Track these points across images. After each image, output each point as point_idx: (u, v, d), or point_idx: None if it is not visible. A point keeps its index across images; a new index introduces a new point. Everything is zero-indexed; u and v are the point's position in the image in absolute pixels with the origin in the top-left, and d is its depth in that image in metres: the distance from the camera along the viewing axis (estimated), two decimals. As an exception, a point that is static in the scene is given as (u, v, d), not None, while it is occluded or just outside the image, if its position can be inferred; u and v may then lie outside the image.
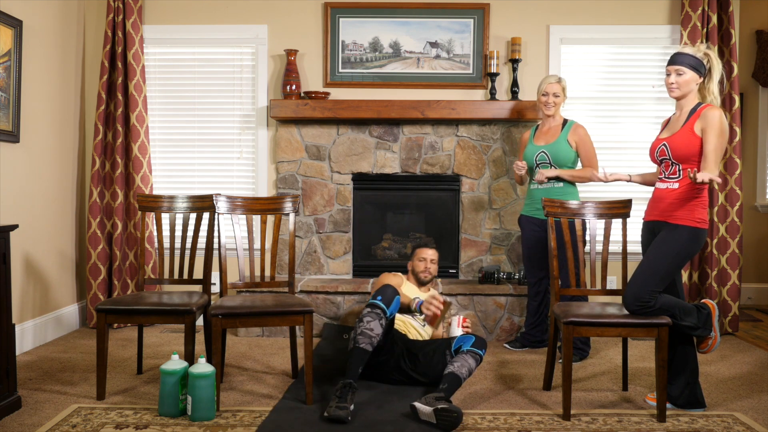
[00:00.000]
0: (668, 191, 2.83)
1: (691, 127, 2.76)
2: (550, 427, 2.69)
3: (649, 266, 2.78)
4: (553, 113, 3.79)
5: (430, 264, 3.73)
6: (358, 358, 2.84)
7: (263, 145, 4.57)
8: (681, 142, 2.77)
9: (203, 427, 2.66)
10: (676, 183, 2.81)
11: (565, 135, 3.74)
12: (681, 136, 2.78)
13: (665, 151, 2.82)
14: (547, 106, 3.76)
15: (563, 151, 3.71)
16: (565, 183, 3.72)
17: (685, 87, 2.81)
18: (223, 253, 3.30)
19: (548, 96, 3.75)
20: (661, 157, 2.85)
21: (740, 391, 3.18)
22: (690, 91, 2.82)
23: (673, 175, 2.82)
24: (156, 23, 4.54)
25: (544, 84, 3.78)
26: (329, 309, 4.22)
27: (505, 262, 4.46)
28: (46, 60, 4.04)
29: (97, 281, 4.35)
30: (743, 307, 5.16)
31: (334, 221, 4.50)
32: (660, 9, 4.49)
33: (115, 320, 3.01)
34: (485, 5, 4.45)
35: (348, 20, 4.50)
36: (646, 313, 2.79)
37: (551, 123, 3.83)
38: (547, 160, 3.72)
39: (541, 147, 3.75)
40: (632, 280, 2.81)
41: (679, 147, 2.77)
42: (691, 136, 2.75)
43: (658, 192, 2.90)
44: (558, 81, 3.77)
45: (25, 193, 3.80)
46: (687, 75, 2.79)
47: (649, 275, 2.77)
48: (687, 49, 2.82)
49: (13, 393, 2.80)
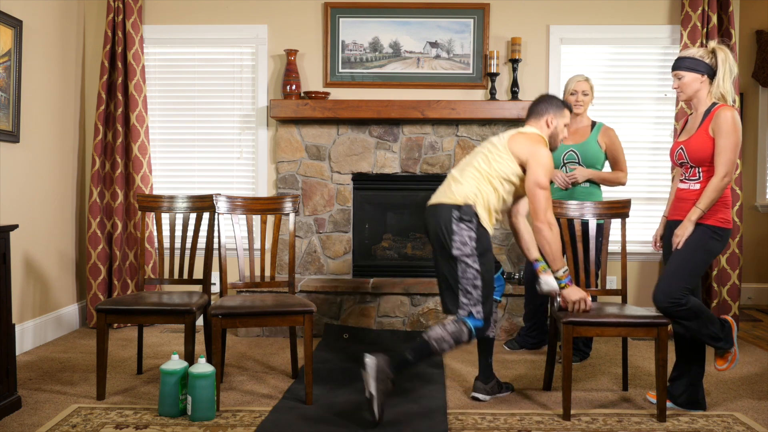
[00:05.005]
0: (690, 192, 2.84)
1: (705, 130, 2.77)
2: (550, 427, 2.69)
3: (677, 264, 2.78)
4: (582, 112, 3.72)
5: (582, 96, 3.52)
6: None
7: (263, 145, 4.57)
8: (696, 145, 2.79)
9: (203, 427, 2.66)
10: (697, 184, 2.82)
11: (596, 136, 3.68)
12: (696, 139, 2.79)
13: (683, 154, 2.84)
14: (577, 105, 3.69)
15: (593, 152, 3.64)
16: (591, 184, 3.67)
17: (688, 89, 2.82)
18: (223, 253, 3.30)
19: (577, 94, 3.68)
20: (680, 161, 2.88)
21: (740, 391, 3.18)
22: (696, 92, 2.82)
23: (693, 177, 2.84)
24: (156, 23, 4.54)
25: (572, 83, 3.72)
26: (329, 309, 4.22)
27: (505, 262, 4.46)
28: (46, 60, 4.04)
29: (97, 281, 4.35)
30: (743, 307, 5.16)
31: (334, 221, 4.50)
32: (660, 9, 4.49)
33: (115, 320, 3.01)
34: (485, 5, 4.46)
35: (348, 20, 4.50)
36: (676, 312, 2.77)
37: (579, 123, 3.73)
38: (576, 160, 3.65)
39: (570, 146, 3.67)
40: (662, 278, 2.82)
41: (694, 150, 2.79)
42: (706, 138, 2.76)
43: (680, 192, 2.91)
44: (586, 79, 3.70)
45: (25, 193, 3.80)
46: (686, 77, 2.81)
47: (677, 272, 2.77)
48: (685, 51, 2.85)
49: (13, 393, 2.80)
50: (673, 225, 2.94)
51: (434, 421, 2.70)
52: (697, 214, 2.74)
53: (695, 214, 2.74)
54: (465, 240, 2.79)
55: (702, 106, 2.84)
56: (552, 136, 2.99)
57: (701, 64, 2.79)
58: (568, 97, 3.73)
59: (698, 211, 2.74)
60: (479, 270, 2.81)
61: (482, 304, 2.81)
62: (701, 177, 2.81)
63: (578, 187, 3.66)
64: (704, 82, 2.80)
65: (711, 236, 2.76)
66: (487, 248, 2.86)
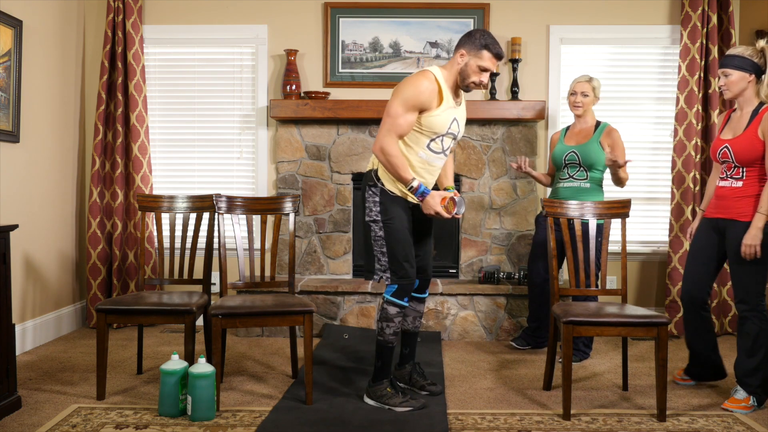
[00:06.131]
0: (732, 189, 2.88)
1: (754, 131, 2.78)
2: (550, 427, 2.69)
3: (750, 270, 2.83)
4: (582, 114, 3.72)
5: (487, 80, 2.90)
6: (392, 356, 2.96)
7: (263, 145, 4.57)
8: (744, 146, 2.80)
9: (203, 427, 2.66)
10: (739, 182, 2.86)
11: (598, 137, 3.67)
12: (744, 140, 2.81)
13: (728, 153, 2.86)
14: (575, 107, 3.70)
15: (594, 153, 3.63)
16: (592, 183, 3.67)
17: (735, 87, 2.85)
18: (223, 253, 3.30)
19: (576, 95, 3.68)
20: (723, 159, 2.90)
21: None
22: (742, 90, 2.85)
23: (737, 175, 2.87)
24: (156, 23, 4.54)
25: (573, 84, 3.72)
26: (329, 309, 4.22)
27: (505, 262, 4.46)
28: (46, 60, 4.04)
29: (97, 281, 4.35)
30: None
31: (334, 221, 4.50)
32: (660, 9, 4.49)
33: (115, 320, 3.01)
34: (485, 5, 4.46)
35: (348, 20, 4.50)
36: (752, 316, 2.84)
37: (583, 124, 3.75)
38: (576, 161, 3.65)
39: (572, 147, 3.68)
40: (737, 282, 2.87)
41: (742, 151, 2.81)
42: (755, 140, 2.78)
43: (720, 190, 2.94)
44: (588, 80, 3.69)
45: (25, 193, 3.80)
46: (733, 76, 2.83)
47: (751, 273, 2.82)
48: (733, 49, 2.86)
49: (13, 393, 2.80)
50: (713, 222, 2.98)
51: (434, 421, 2.70)
52: (762, 221, 2.76)
53: (761, 220, 2.76)
54: (370, 206, 2.87)
55: (748, 105, 2.85)
56: (461, 73, 2.81)
57: (749, 63, 2.79)
58: (569, 98, 3.74)
59: (762, 217, 2.76)
60: (383, 237, 2.83)
61: (391, 271, 2.85)
62: (744, 176, 2.83)
63: (580, 186, 3.66)
64: (751, 81, 2.81)
65: (764, 232, 2.79)
66: (392, 216, 2.82)
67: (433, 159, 2.87)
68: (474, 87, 2.84)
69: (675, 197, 4.28)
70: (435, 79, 2.78)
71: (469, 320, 4.18)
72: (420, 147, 2.83)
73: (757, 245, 2.76)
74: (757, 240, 2.75)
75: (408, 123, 2.77)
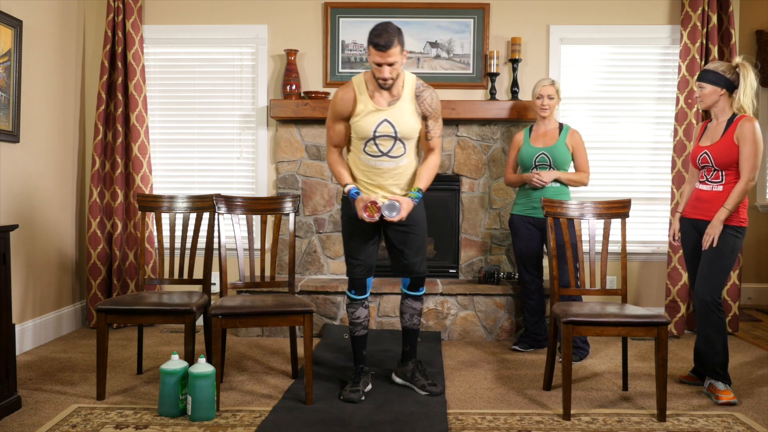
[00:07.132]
0: (713, 193, 3.09)
1: (731, 137, 3.02)
2: (550, 427, 2.69)
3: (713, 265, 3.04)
4: (548, 116, 3.83)
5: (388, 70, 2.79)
6: (360, 345, 3.12)
7: (263, 145, 4.57)
8: (722, 151, 3.03)
9: (203, 427, 2.66)
10: (720, 186, 3.07)
11: (564, 138, 3.80)
12: (722, 145, 3.04)
13: (707, 158, 3.08)
14: (543, 109, 3.80)
15: (563, 154, 3.77)
16: (560, 184, 3.79)
17: (708, 99, 3.10)
18: (223, 253, 3.30)
19: (543, 99, 3.79)
20: (703, 164, 3.11)
21: (740, 391, 3.18)
22: (715, 102, 3.09)
23: (716, 179, 3.08)
24: (156, 23, 4.54)
25: (538, 87, 3.82)
26: (329, 309, 4.22)
27: (505, 262, 4.46)
28: (46, 60, 4.04)
29: (97, 281, 4.35)
30: (743, 307, 5.16)
31: (334, 221, 4.50)
32: (660, 9, 4.49)
33: (115, 320, 3.01)
34: (485, 5, 4.46)
35: (348, 20, 4.50)
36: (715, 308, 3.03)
37: (548, 126, 3.86)
38: (547, 162, 3.77)
39: (541, 149, 3.79)
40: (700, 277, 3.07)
41: (720, 156, 3.03)
42: (732, 145, 3.02)
43: (700, 193, 3.16)
44: (552, 83, 3.80)
45: (25, 193, 3.80)
46: (707, 89, 3.08)
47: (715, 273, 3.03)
48: (711, 64, 3.13)
49: (13, 393, 2.80)
50: (693, 223, 3.18)
51: (434, 421, 2.70)
52: (725, 214, 3.00)
53: (723, 214, 3.00)
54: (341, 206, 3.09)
55: (723, 115, 3.11)
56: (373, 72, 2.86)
57: (722, 79, 3.05)
58: (535, 101, 3.84)
59: (726, 212, 3.00)
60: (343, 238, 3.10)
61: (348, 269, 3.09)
62: (724, 179, 3.05)
63: (550, 187, 3.77)
64: (723, 95, 3.07)
65: (735, 236, 3.04)
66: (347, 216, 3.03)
67: (377, 162, 2.96)
68: (384, 83, 2.85)
69: (675, 197, 4.28)
70: (353, 86, 2.91)
71: (469, 320, 4.19)
72: (359, 151, 2.99)
73: (715, 235, 3.01)
74: (717, 230, 3.01)
75: (337, 133, 3.00)
